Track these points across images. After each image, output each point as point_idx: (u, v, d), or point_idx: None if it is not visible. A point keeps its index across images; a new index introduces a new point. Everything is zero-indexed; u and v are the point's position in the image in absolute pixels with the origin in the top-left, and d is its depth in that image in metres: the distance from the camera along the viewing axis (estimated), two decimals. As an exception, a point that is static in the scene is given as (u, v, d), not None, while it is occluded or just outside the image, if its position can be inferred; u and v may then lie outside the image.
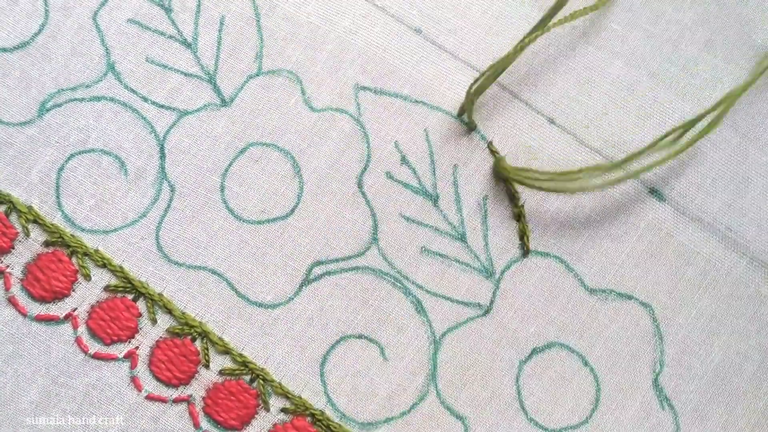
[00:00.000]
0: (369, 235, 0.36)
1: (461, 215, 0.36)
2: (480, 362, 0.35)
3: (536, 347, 0.35)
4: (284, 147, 0.36)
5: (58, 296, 0.35)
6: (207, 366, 0.35)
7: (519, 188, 0.36)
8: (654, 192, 0.36)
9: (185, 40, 0.36)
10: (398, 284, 0.35)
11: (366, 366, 0.35)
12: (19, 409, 0.34)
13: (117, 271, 0.35)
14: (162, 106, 0.36)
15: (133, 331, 0.35)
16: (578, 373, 0.35)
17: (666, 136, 0.34)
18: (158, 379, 0.35)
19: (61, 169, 0.36)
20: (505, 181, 0.36)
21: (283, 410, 0.35)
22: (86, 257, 0.35)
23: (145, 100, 0.36)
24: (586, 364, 0.35)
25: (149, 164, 0.36)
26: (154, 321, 0.35)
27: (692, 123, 0.34)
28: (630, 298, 0.35)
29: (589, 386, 0.35)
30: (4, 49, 0.36)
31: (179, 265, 0.35)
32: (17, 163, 0.36)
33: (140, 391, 0.35)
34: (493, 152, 0.36)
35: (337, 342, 0.35)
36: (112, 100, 0.36)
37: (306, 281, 0.35)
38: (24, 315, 0.35)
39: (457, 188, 0.36)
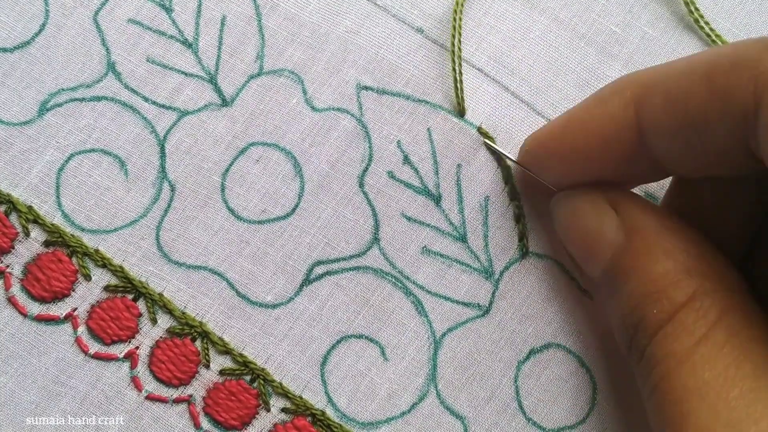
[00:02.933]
0: (370, 235, 0.36)
1: (463, 215, 0.36)
2: (479, 362, 0.35)
3: (534, 348, 0.35)
4: (285, 147, 0.36)
5: (58, 296, 0.35)
6: (207, 366, 0.35)
7: (520, 188, 0.36)
8: (649, 196, 0.36)
9: (186, 40, 0.36)
10: (399, 284, 0.35)
11: (367, 366, 0.35)
12: (19, 409, 0.34)
13: (117, 271, 0.35)
14: (162, 106, 0.36)
15: (134, 331, 0.35)
16: (575, 374, 0.35)
17: None
18: (158, 379, 0.35)
19: (62, 169, 0.36)
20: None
21: (284, 410, 0.35)
22: (86, 257, 0.35)
23: (146, 100, 0.36)
24: (583, 364, 0.35)
25: (150, 164, 0.36)
26: (154, 321, 0.35)
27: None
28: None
29: (586, 386, 0.35)
30: (5, 49, 0.36)
31: (179, 265, 0.35)
32: (17, 163, 0.35)
33: (140, 391, 0.35)
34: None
35: (338, 342, 0.35)
36: (112, 100, 0.36)
37: (307, 281, 0.35)
38: (24, 315, 0.35)
39: (460, 188, 0.36)
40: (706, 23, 0.37)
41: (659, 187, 0.36)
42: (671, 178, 0.34)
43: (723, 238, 0.31)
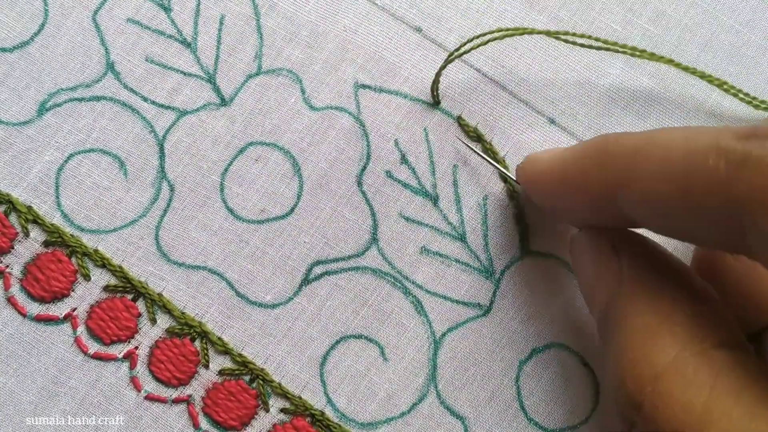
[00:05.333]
0: (369, 235, 0.36)
1: (461, 215, 0.36)
2: (480, 362, 0.35)
3: (536, 347, 0.35)
4: (284, 146, 0.36)
5: (58, 296, 0.35)
6: (206, 366, 0.35)
7: (520, 188, 0.36)
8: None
9: (185, 39, 0.36)
10: (398, 284, 0.35)
11: (366, 366, 0.35)
12: (19, 409, 0.34)
13: (116, 271, 0.35)
14: (161, 106, 0.36)
15: (133, 331, 0.35)
16: (578, 373, 0.35)
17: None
18: (158, 379, 0.35)
19: (61, 169, 0.36)
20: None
21: (283, 410, 0.35)
22: (86, 257, 0.35)
23: (145, 99, 0.36)
24: (585, 364, 0.35)
25: (149, 164, 0.36)
26: (153, 321, 0.35)
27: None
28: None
29: (588, 386, 0.35)
30: (4, 49, 0.36)
31: (179, 265, 0.35)
32: (17, 163, 0.36)
33: (140, 391, 0.35)
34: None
35: (337, 342, 0.35)
36: (111, 99, 0.36)
37: (306, 281, 0.35)
38: (23, 315, 0.35)
39: (457, 188, 0.36)
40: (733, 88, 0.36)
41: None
42: None
43: (748, 308, 0.30)
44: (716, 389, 0.24)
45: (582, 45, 0.35)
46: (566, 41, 0.35)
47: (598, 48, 0.35)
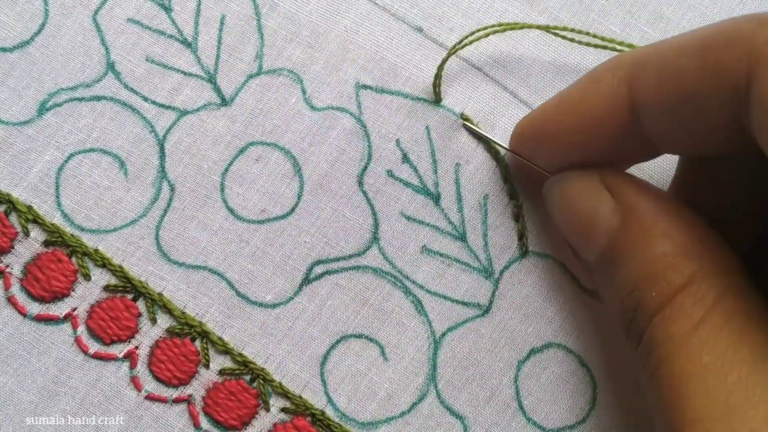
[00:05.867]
0: (369, 234, 0.36)
1: (462, 215, 0.36)
2: (479, 362, 0.35)
3: (534, 347, 0.35)
4: (285, 146, 0.36)
5: (58, 296, 0.35)
6: (207, 366, 0.35)
7: (519, 187, 0.36)
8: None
9: (185, 39, 0.36)
10: (398, 284, 0.35)
11: (366, 366, 0.35)
12: (19, 409, 0.34)
13: (117, 271, 0.35)
14: (162, 106, 0.36)
15: (133, 331, 0.35)
16: (576, 373, 0.35)
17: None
18: (158, 379, 0.35)
19: (61, 168, 0.36)
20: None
21: (284, 410, 0.35)
22: (86, 257, 0.35)
23: (145, 99, 0.36)
24: (583, 364, 0.35)
25: (149, 164, 0.36)
26: (153, 321, 0.35)
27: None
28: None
29: (586, 386, 0.35)
30: (4, 49, 0.36)
31: (179, 265, 0.35)
32: (17, 163, 0.36)
33: (140, 390, 0.35)
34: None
35: (338, 341, 0.35)
36: (112, 99, 0.36)
37: (306, 281, 0.35)
38: (23, 315, 0.35)
39: (459, 187, 0.36)
40: None
41: (654, 171, 0.36)
42: (677, 165, 0.33)
43: (730, 228, 0.30)
44: (714, 309, 0.27)
45: (580, 42, 0.35)
46: (564, 38, 0.35)
47: (596, 45, 0.35)
